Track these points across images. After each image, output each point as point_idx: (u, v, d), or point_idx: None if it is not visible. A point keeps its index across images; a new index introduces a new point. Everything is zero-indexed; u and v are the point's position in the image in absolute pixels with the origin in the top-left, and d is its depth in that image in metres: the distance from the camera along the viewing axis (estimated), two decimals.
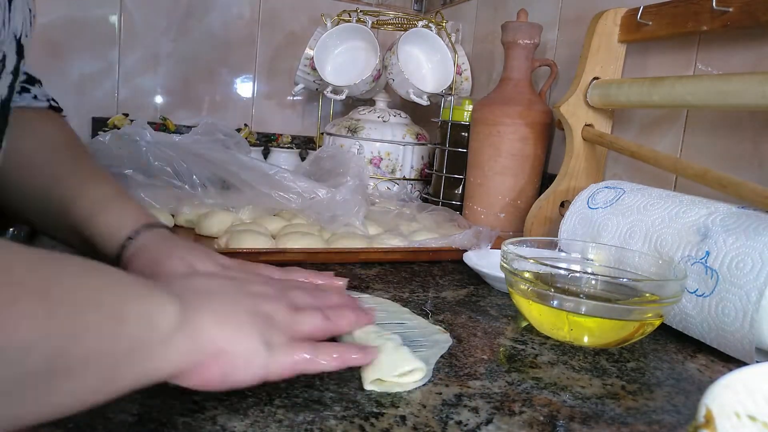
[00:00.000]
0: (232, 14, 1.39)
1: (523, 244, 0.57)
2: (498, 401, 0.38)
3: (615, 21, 0.79)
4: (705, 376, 0.46)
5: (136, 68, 1.32)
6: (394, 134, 1.12)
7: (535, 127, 0.89)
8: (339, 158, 0.94)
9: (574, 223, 0.67)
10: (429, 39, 1.16)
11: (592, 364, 0.46)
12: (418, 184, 1.16)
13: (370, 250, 0.71)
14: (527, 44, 0.90)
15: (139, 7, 1.30)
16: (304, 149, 1.41)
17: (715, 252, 0.50)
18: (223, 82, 1.41)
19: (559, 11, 1.00)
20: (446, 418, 0.35)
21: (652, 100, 0.69)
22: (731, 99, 0.59)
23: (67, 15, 1.24)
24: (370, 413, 0.35)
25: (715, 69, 0.72)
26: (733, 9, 0.63)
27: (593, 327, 0.48)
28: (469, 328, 0.52)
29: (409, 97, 1.11)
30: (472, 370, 0.43)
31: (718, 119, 0.71)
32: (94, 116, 1.28)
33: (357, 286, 0.61)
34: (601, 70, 0.80)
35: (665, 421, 0.38)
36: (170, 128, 1.28)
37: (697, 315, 0.51)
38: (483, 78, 1.23)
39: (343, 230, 0.76)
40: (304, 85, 1.27)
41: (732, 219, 0.52)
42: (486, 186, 0.92)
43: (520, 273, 0.50)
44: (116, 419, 0.31)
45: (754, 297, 0.46)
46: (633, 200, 0.62)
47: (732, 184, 0.56)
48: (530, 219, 0.82)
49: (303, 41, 1.27)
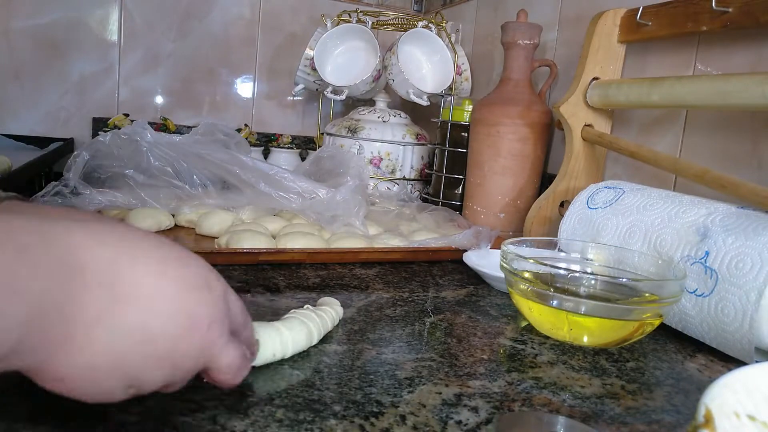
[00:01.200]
0: (232, 14, 1.39)
1: (522, 244, 0.57)
2: (498, 401, 0.38)
3: (615, 21, 0.79)
4: (704, 375, 0.46)
5: (137, 68, 1.33)
6: (394, 134, 1.12)
7: (535, 128, 0.89)
8: (339, 158, 0.94)
9: (574, 223, 0.67)
10: (429, 39, 1.16)
11: (591, 363, 0.46)
12: (418, 184, 1.16)
13: (370, 250, 0.71)
14: (527, 44, 0.90)
15: (139, 7, 1.30)
16: (304, 149, 1.41)
17: (714, 252, 0.50)
18: (223, 83, 1.41)
19: (559, 11, 1.00)
20: (446, 418, 0.35)
21: (651, 100, 0.69)
22: (731, 99, 0.59)
23: (67, 15, 1.24)
24: (370, 413, 0.35)
25: (715, 69, 0.72)
26: (732, 9, 0.63)
27: (593, 327, 0.48)
28: (469, 328, 0.52)
29: (409, 97, 1.11)
30: (472, 369, 0.43)
31: (717, 119, 0.71)
32: (94, 116, 1.28)
33: (357, 286, 0.62)
34: (600, 71, 0.80)
35: (665, 421, 0.38)
36: (170, 128, 1.28)
37: (696, 315, 0.51)
38: (483, 78, 1.23)
39: (343, 230, 0.76)
40: (304, 85, 1.27)
41: (731, 219, 0.52)
42: (486, 186, 0.92)
43: (519, 273, 0.50)
44: (116, 419, 0.31)
45: (754, 297, 0.46)
46: (632, 200, 0.62)
47: (732, 184, 0.56)
48: (530, 219, 0.82)
49: (303, 41, 1.28)
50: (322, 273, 0.65)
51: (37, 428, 0.30)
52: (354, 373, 0.40)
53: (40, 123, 1.25)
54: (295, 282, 0.61)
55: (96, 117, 1.27)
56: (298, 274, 0.64)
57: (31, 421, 0.30)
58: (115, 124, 1.16)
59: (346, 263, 0.70)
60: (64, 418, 0.31)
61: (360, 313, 0.53)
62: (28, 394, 0.33)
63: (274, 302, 0.54)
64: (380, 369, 0.41)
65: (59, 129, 1.26)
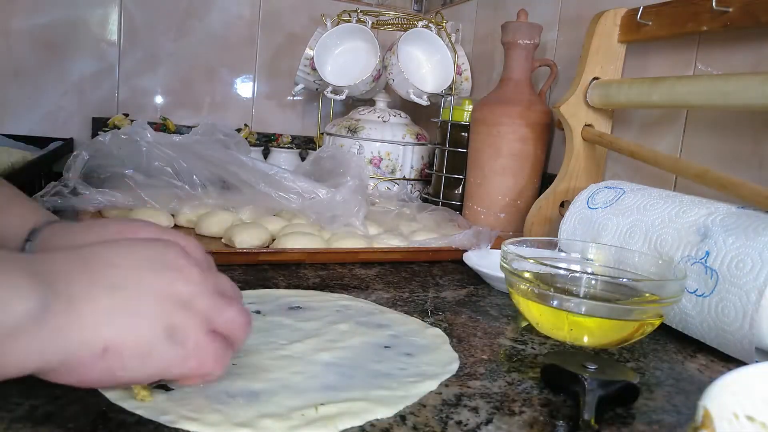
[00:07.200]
0: (232, 14, 1.39)
1: (523, 244, 0.57)
2: (498, 401, 0.38)
3: (615, 21, 0.79)
4: (705, 376, 0.46)
5: (136, 68, 1.32)
6: (394, 134, 1.12)
7: (535, 128, 0.89)
8: (339, 158, 0.94)
9: (574, 223, 0.67)
10: (429, 39, 1.15)
11: None
12: (418, 184, 1.16)
13: (370, 250, 0.71)
14: (527, 44, 0.90)
15: (139, 7, 1.30)
16: (304, 149, 1.41)
17: (714, 252, 0.50)
18: (223, 82, 1.41)
19: (559, 11, 1.00)
20: (446, 418, 0.35)
21: (652, 100, 0.69)
22: (731, 99, 0.59)
23: (67, 15, 1.24)
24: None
25: (715, 69, 0.72)
26: (733, 9, 0.63)
27: (593, 327, 0.48)
28: (469, 328, 0.52)
29: (409, 97, 1.11)
30: (472, 370, 0.43)
31: (718, 119, 0.71)
32: (94, 116, 1.27)
33: (357, 286, 0.61)
34: (601, 71, 0.80)
35: (665, 421, 0.38)
36: (170, 128, 1.28)
37: (696, 315, 0.51)
38: (483, 78, 1.23)
39: (343, 230, 0.76)
40: (304, 85, 1.27)
41: (732, 219, 0.52)
42: (486, 186, 0.92)
43: (520, 273, 0.50)
44: (116, 419, 0.31)
45: (754, 297, 0.46)
46: (633, 200, 0.62)
47: (732, 184, 0.56)
48: (530, 219, 0.82)
49: (303, 41, 1.27)
50: (322, 273, 0.65)
51: (37, 428, 0.30)
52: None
53: (40, 123, 1.25)
54: (295, 282, 0.61)
55: (95, 117, 1.27)
56: (298, 274, 0.64)
57: (31, 421, 0.30)
58: (114, 124, 1.16)
59: (346, 263, 0.70)
60: (64, 418, 0.31)
61: None
62: (28, 394, 0.32)
63: None
64: None
65: (59, 129, 1.26)
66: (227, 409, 0.33)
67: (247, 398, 0.35)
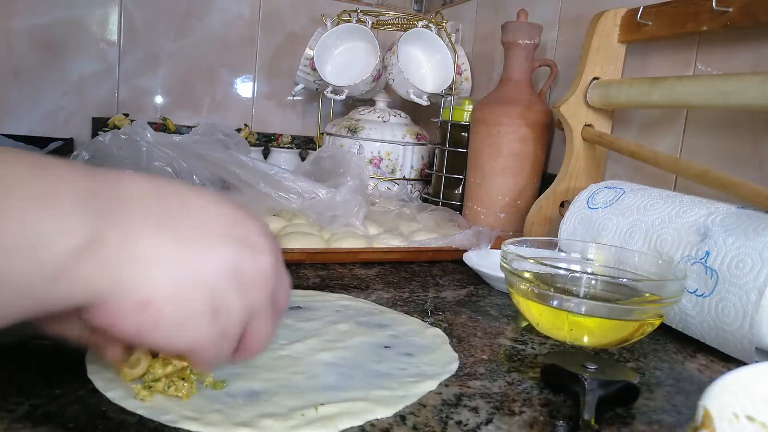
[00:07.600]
0: (232, 14, 1.39)
1: (523, 244, 0.57)
2: (498, 401, 0.38)
3: (615, 21, 0.79)
4: (705, 376, 0.46)
5: (136, 68, 1.32)
6: (394, 134, 1.12)
7: (535, 128, 0.89)
8: (339, 158, 0.94)
9: (574, 223, 0.67)
10: (429, 39, 1.15)
11: None
12: (418, 184, 1.16)
13: (370, 250, 0.71)
14: (527, 44, 0.90)
15: (139, 7, 1.30)
16: (304, 149, 1.41)
17: (715, 252, 0.50)
18: (223, 82, 1.41)
19: (559, 11, 1.00)
20: (446, 418, 0.35)
21: (652, 100, 0.69)
22: (731, 99, 0.59)
23: (67, 15, 1.24)
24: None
25: (715, 69, 0.72)
26: (733, 9, 0.63)
27: (593, 327, 0.48)
28: (469, 328, 0.52)
29: (409, 97, 1.11)
30: (472, 370, 0.43)
31: (718, 119, 0.71)
32: (94, 116, 1.28)
33: (357, 286, 0.61)
34: (601, 71, 0.80)
35: (665, 421, 0.38)
36: (170, 128, 1.28)
37: (696, 315, 0.51)
38: (483, 78, 1.23)
39: (343, 230, 0.76)
40: (304, 85, 1.27)
41: (732, 219, 0.52)
42: (486, 186, 0.92)
43: (520, 273, 0.50)
44: (116, 419, 0.31)
45: (754, 297, 0.46)
46: (633, 200, 0.62)
47: (732, 184, 0.56)
48: (530, 219, 0.82)
49: (303, 41, 1.27)
50: (322, 273, 0.65)
51: (37, 428, 0.30)
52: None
53: (40, 123, 1.25)
54: (295, 282, 0.61)
55: (95, 117, 1.27)
56: (298, 274, 0.64)
57: (31, 421, 0.30)
58: (114, 124, 1.16)
59: (346, 263, 0.70)
60: (64, 418, 0.31)
61: None
62: (28, 394, 0.33)
63: None
64: None
65: (59, 129, 1.26)
66: (227, 409, 0.33)
67: (247, 398, 0.35)
